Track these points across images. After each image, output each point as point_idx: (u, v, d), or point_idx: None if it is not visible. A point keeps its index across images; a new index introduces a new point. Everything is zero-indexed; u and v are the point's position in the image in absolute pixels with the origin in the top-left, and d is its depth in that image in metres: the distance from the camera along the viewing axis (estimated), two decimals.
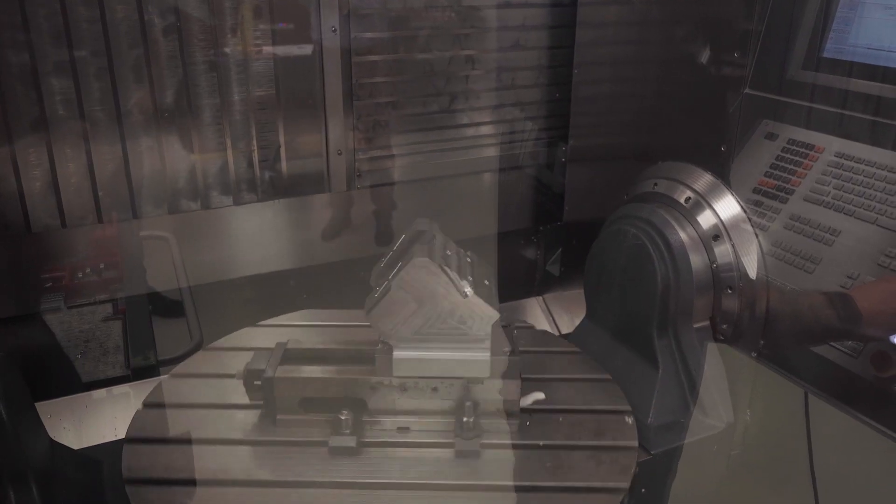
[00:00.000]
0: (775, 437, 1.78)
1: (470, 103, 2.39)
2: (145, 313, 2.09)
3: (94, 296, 2.03)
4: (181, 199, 2.08)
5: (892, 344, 1.42)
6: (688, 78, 1.92)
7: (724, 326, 1.77)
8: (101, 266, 2.02)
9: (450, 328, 1.44)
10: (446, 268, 1.41)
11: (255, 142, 2.12)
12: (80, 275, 2.00)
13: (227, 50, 2.01)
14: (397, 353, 1.45)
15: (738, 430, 1.78)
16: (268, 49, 2.06)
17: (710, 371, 1.80)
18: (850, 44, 1.67)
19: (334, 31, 2.12)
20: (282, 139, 2.15)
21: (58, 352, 2.02)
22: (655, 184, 1.92)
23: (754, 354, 1.71)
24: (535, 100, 2.47)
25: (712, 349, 1.80)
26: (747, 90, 1.82)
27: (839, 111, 1.68)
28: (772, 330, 1.68)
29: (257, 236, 2.24)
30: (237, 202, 2.14)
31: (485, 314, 1.45)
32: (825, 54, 1.71)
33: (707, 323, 1.80)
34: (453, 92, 2.34)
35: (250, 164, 2.14)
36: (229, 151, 2.09)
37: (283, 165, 2.18)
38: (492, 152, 2.49)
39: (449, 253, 1.49)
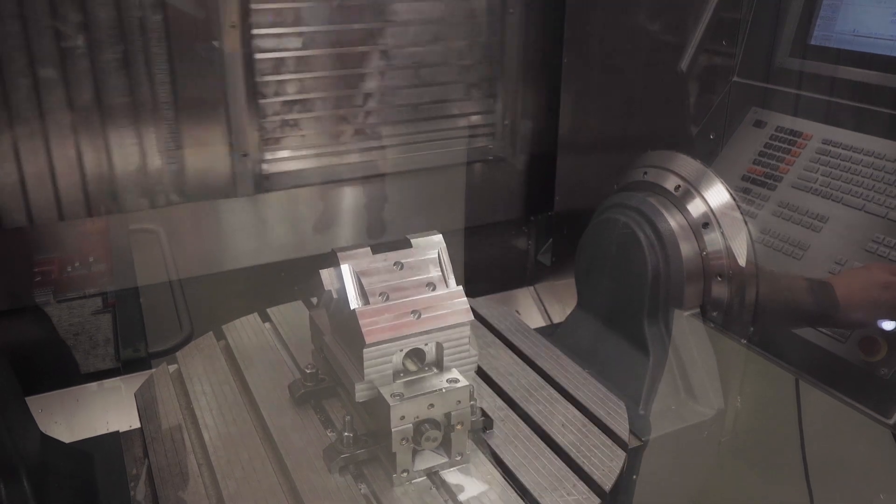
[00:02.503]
0: (765, 423, 1.79)
1: (382, 101, 2.27)
2: (135, 306, 2.08)
3: (83, 290, 2.03)
4: (71, 204, 1.99)
5: (880, 329, 1.43)
6: (676, 66, 1.92)
7: (715, 314, 1.78)
8: (91, 259, 2.01)
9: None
10: None
11: (153, 144, 2.01)
12: (69, 269, 1.99)
13: (123, 47, 1.90)
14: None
15: (728, 417, 1.79)
16: (162, 46, 1.95)
17: (701, 358, 1.81)
18: (837, 31, 1.68)
19: (234, 26, 2.01)
20: (183, 142, 2.04)
21: (48, 346, 2.02)
22: (645, 172, 1.93)
23: (744, 341, 1.72)
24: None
25: (703, 336, 1.81)
26: (735, 78, 1.82)
27: (827, 98, 1.68)
28: (761, 316, 1.69)
29: (248, 229, 2.23)
30: (124, 208, 2.03)
31: None
32: (812, 42, 1.72)
33: (697, 310, 1.81)
34: (367, 90, 2.23)
35: (143, 168, 2.02)
36: (122, 154, 1.99)
37: (185, 169, 2.07)
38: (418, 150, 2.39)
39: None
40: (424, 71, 2.30)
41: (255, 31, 2.03)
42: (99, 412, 1.96)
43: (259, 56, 2.06)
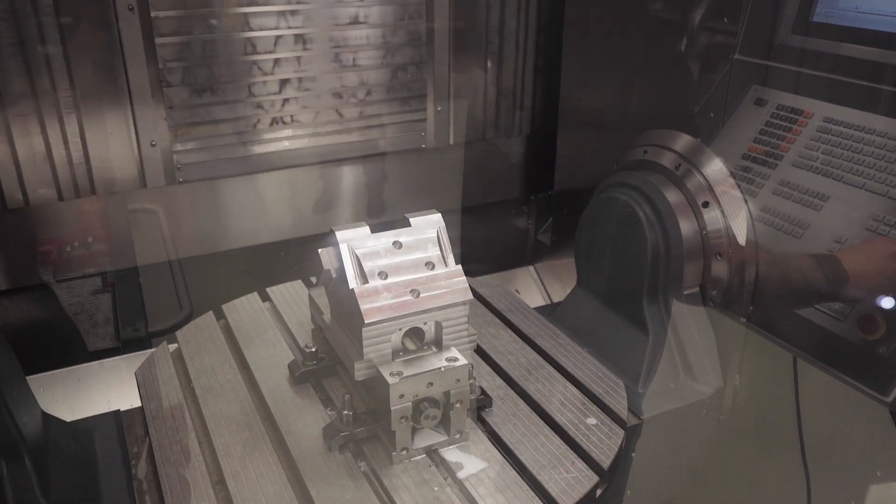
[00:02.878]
0: (764, 401, 1.79)
1: (304, 85, 2.18)
2: (135, 286, 2.08)
3: (82, 270, 2.02)
4: None
5: (879, 306, 1.43)
6: (677, 44, 1.91)
7: (714, 293, 1.78)
8: (90, 239, 2.01)
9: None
10: None
11: (56, 132, 1.93)
12: (68, 249, 1.99)
13: (16, 30, 1.81)
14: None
15: (727, 395, 1.80)
16: (55, 29, 1.85)
17: (700, 337, 1.81)
18: (839, 7, 1.66)
19: (132, 9, 1.91)
20: (86, 130, 1.96)
21: (49, 325, 2.02)
22: (645, 151, 1.92)
23: (744, 320, 1.72)
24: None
25: (702, 315, 1.81)
26: (737, 56, 1.81)
27: (829, 76, 1.67)
28: (761, 295, 1.69)
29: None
30: (32, 200, 1.96)
31: None
32: (815, 18, 1.70)
33: (697, 289, 1.81)
34: (282, 78, 2.14)
35: (47, 159, 1.95)
36: (27, 143, 1.92)
37: (89, 161, 1.99)
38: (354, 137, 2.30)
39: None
40: (346, 56, 2.19)
41: (154, 14, 1.94)
42: (100, 391, 1.96)
43: (161, 41, 1.97)
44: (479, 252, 2.56)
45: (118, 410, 1.69)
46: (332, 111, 2.24)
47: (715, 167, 1.78)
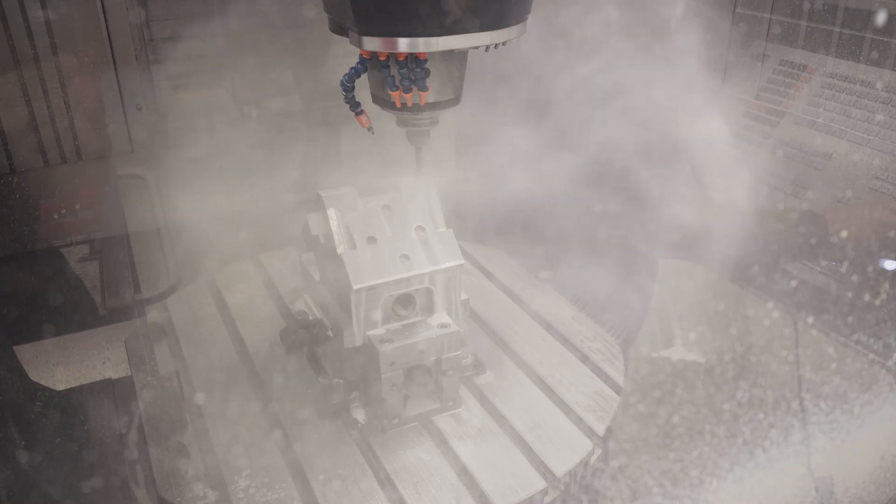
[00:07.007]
0: (762, 362, 1.77)
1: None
2: (125, 253, 2.05)
3: (70, 237, 1.99)
4: None
5: (880, 267, 1.40)
6: None
7: (712, 253, 1.74)
8: (77, 206, 1.97)
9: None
10: None
11: (30, 100, 1.87)
12: (55, 216, 1.96)
13: None
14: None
15: (724, 357, 1.77)
16: None
17: (697, 299, 1.78)
18: None
19: None
20: (67, 96, 1.90)
21: (37, 293, 1.99)
22: None
23: (740, 280, 1.69)
24: None
25: (698, 276, 1.78)
26: (738, 9, 1.75)
27: (833, 29, 1.61)
28: (759, 255, 1.66)
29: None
30: (18, 167, 1.92)
31: None
32: None
33: (694, 250, 1.77)
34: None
35: (31, 124, 1.90)
36: (10, 109, 1.86)
37: (74, 126, 1.93)
38: None
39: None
40: None
41: None
42: (92, 360, 1.94)
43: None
44: (472, 215, 2.51)
45: (110, 379, 1.67)
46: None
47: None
